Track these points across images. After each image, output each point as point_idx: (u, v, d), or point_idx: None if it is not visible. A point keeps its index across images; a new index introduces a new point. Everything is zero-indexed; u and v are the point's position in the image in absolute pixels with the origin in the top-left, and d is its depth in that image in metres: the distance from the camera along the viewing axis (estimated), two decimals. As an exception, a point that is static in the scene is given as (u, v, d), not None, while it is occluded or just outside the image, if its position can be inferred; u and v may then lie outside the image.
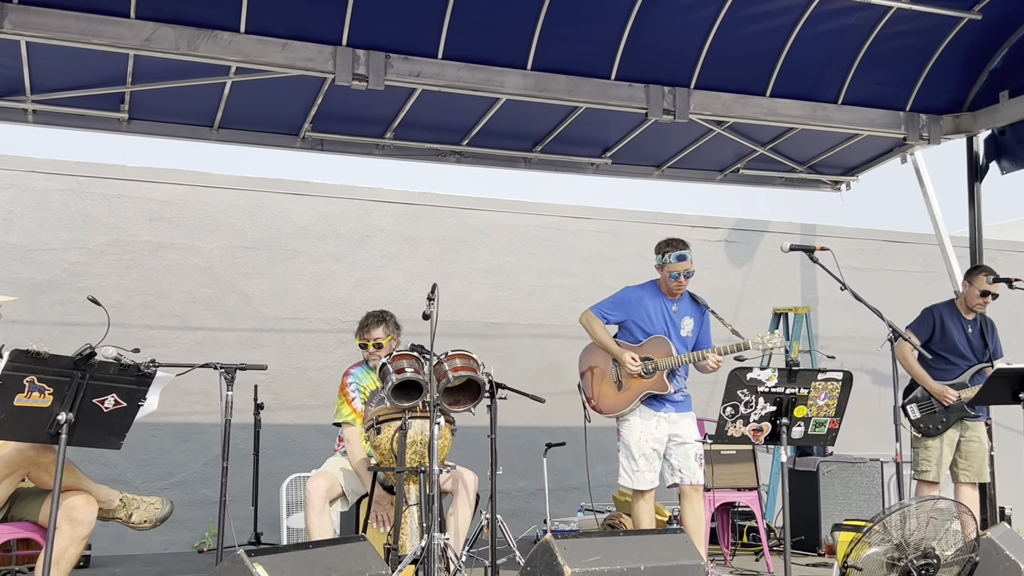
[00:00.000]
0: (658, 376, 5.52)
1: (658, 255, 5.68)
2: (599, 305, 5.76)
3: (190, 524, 7.86)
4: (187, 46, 5.90)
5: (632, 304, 5.68)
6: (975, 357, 6.21)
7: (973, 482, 6.19)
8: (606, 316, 5.72)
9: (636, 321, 5.65)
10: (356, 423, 5.33)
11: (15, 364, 3.50)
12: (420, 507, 4.81)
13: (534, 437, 8.51)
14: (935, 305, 6.33)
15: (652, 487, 5.53)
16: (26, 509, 4.03)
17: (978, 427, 6.20)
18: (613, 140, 7.81)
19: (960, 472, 6.18)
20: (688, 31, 6.73)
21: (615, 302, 5.76)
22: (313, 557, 3.82)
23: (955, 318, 6.24)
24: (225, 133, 7.19)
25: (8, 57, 6.06)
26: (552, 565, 4.08)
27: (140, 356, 3.90)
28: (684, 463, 5.53)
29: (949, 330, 6.21)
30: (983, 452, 6.19)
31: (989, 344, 6.24)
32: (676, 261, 5.58)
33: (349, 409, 5.36)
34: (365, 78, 6.23)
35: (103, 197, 8.17)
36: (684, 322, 5.67)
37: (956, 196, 8.13)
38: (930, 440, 6.12)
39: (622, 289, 5.83)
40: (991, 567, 4.38)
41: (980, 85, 7.56)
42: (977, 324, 6.29)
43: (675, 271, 5.58)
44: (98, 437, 3.77)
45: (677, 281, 5.60)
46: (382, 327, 5.55)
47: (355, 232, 8.91)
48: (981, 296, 6.18)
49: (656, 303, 5.66)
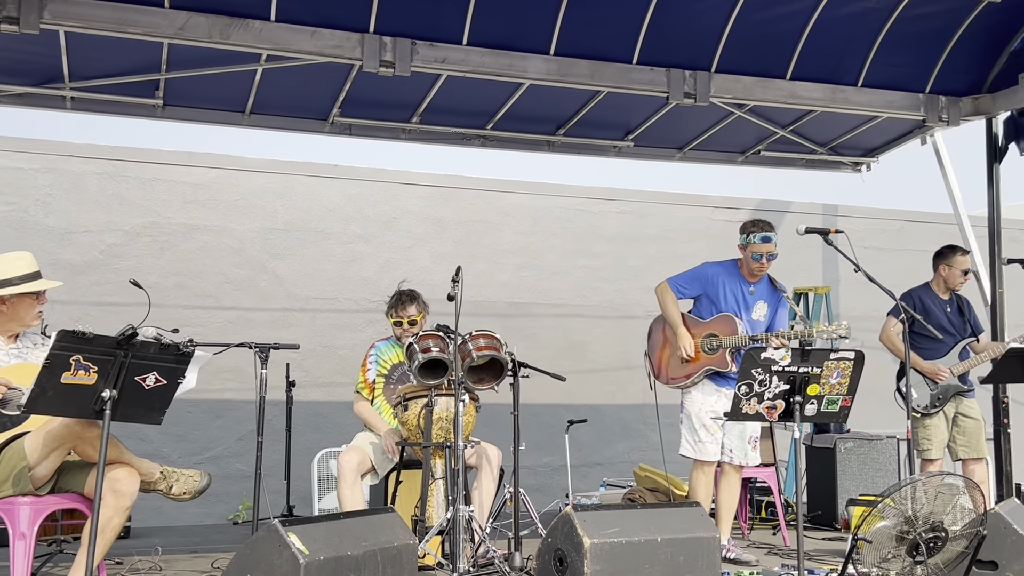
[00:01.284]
0: (720, 353, 5.57)
1: (743, 235, 5.70)
2: (675, 278, 5.79)
3: (224, 497, 8.08)
4: (219, 34, 6.00)
5: (708, 280, 5.71)
6: (958, 333, 6.37)
7: (974, 457, 6.31)
8: (680, 290, 5.75)
9: (710, 297, 5.69)
10: (363, 393, 5.57)
11: (62, 344, 3.63)
12: (446, 481, 4.97)
13: (557, 414, 8.65)
14: (912, 289, 6.51)
15: (714, 459, 5.62)
16: (72, 481, 4.19)
17: (972, 403, 6.35)
18: (635, 123, 7.87)
19: (959, 449, 6.31)
20: (709, 15, 6.76)
21: (691, 276, 5.78)
22: (344, 527, 3.98)
23: (933, 299, 6.43)
24: (256, 118, 7.31)
25: (47, 46, 6.19)
26: (572, 536, 4.21)
27: (179, 336, 4.04)
28: (737, 443, 5.65)
29: (931, 310, 6.37)
30: (979, 427, 6.33)
31: (969, 320, 6.40)
32: (760, 242, 5.60)
33: (361, 379, 5.61)
34: (392, 64, 6.32)
35: (139, 180, 8.36)
36: (758, 306, 5.71)
37: (977, 176, 8.15)
38: (928, 419, 6.26)
39: (701, 264, 5.85)
40: (999, 541, 4.45)
41: (1000, 67, 7.54)
42: (954, 303, 6.47)
43: (758, 252, 5.60)
44: (140, 413, 3.90)
45: (759, 263, 5.61)
46: (415, 305, 5.72)
47: (383, 214, 9.06)
48: (964, 275, 6.40)
49: (733, 282, 5.69)
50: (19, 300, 4.28)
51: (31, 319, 4.35)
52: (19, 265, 4.30)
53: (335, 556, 3.77)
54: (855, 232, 10.31)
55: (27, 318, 4.34)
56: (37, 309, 4.36)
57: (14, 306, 4.27)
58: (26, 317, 4.33)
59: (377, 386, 5.68)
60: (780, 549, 6.32)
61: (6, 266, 4.29)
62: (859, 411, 6.10)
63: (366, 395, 5.65)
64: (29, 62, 6.47)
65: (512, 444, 5.21)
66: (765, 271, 5.71)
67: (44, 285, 4.35)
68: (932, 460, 6.24)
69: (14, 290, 4.23)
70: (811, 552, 6.08)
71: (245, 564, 3.73)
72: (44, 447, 3.99)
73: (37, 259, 4.43)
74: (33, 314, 4.35)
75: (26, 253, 4.39)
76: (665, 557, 4.33)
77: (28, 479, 4.00)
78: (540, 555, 4.42)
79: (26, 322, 4.35)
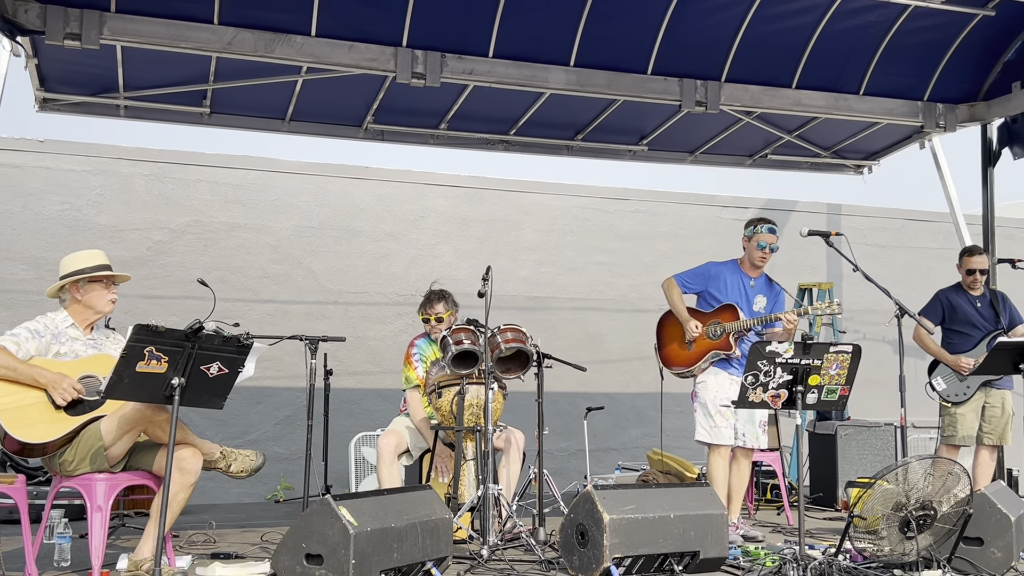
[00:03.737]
0: (724, 337, 5.78)
1: (748, 228, 5.93)
2: (681, 275, 6.02)
3: (263, 478, 8.36)
4: (264, 48, 6.30)
5: (711, 277, 5.94)
6: (988, 326, 6.52)
7: (994, 444, 6.52)
8: (685, 285, 5.98)
9: (713, 292, 5.92)
10: (419, 388, 5.79)
11: (137, 337, 3.92)
12: (476, 462, 5.27)
13: (575, 402, 8.91)
14: (941, 290, 6.70)
15: (728, 443, 5.80)
16: (142, 460, 4.48)
17: (1002, 393, 6.51)
18: (649, 129, 8.13)
19: (984, 435, 6.49)
20: (719, 28, 7.00)
21: (695, 274, 6.01)
22: (388, 502, 4.27)
23: (961, 296, 6.59)
24: (295, 125, 7.61)
25: (105, 59, 6.51)
26: (593, 512, 4.48)
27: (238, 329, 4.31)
28: (748, 428, 5.85)
29: (958, 306, 6.55)
30: (1005, 417, 6.49)
31: (1001, 315, 6.55)
32: (767, 232, 5.84)
33: (413, 375, 5.82)
34: (423, 76, 6.60)
35: (183, 182, 8.65)
36: (757, 299, 5.94)
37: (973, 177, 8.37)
38: (956, 408, 6.45)
39: (705, 263, 6.07)
40: (984, 519, 4.70)
41: (994, 76, 7.75)
42: (986, 298, 6.61)
43: (764, 241, 5.83)
44: (204, 398, 4.18)
45: (763, 251, 5.84)
46: (443, 303, 5.97)
47: (410, 213, 9.32)
48: (968, 275, 6.57)
49: (734, 278, 5.93)
50: (92, 288, 4.58)
51: (104, 305, 4.63)
52: (92, 257, 4.65)
53: (380, 527, 4.06)
54: (858, 230, 10.56)
55: (101, 304, 4.62)
56: (109, 296, 4.65)
57: (88, 294, 4.57)
58: (99, 303, 4.62)
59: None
60: (784, 527, 6.58)
61: (79, 260, 4.63)
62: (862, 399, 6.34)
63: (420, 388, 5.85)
64: (87, 73, 6.79)
65: (536, 429, 5.49)
66: (767, 262, 5.94)
67: (115, 272, 4.67)
68: (955, 446, 6.43)
69: (89, 275, 4.55)
70: (812, 530, 6.36)
71: (301, 534, 4.03)
72: (119, 429, 4.30)
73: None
74: (106, 300, 4.64)
75: (98, 251, 4.72)
76: (677, 532, 4.59)
77: (104, 457, 4.30)
78: (563, 529, 4.69)
79: (100, 308, 4.63)
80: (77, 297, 4.59)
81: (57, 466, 4.35)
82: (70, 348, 4.53)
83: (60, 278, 4.60)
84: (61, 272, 4.61)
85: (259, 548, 5.47)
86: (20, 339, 4.36)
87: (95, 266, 4.63)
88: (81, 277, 4.56)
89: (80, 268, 4.59)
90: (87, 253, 4.70)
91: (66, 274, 4.58)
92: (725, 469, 5.84)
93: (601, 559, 4.40)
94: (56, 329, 4.52)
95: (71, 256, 4.67)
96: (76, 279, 4.56)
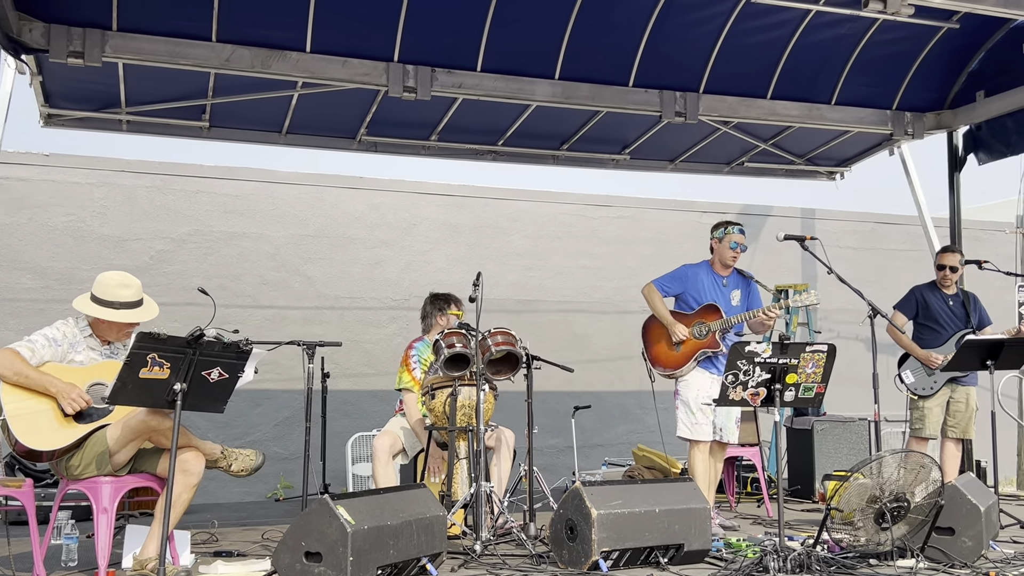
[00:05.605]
0: (711, 336, 5.78)
1: (718, 230, 5.95)
2: (659, 279, 6.01)
3: (263, 477, 8.34)
4: (261, 64, 6.27)
5: (688, 279, 5.94)
6: (959, 324, 6.53)
7: (958, 438, 6.54)
8: (665, 289, 5.98)
9: (691, 293, 5.91)
10: (415, 390, 5.77)
11: (140, 344, 3.89)
12: (469, 460, 5.25)
13: (563, 400, 8.90)
14: (917, 285, 6.72)
15: (709, 439, 5.79)
16: (146, 463, 4.44)
17: (967, 390, 6.52)
18: (631, 138, 8.13)
19: (948, 429, 6.51)
20: (698, 42, 7.02)
21: (673, 277, 6.00)
22: (384, 501, 4.25)
23: (935, 293, 6.61)
24: (292, 138, 7.58)
25: (107, 76, 6.45)
26: (581, 508, 4.48)
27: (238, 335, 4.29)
28: (726, 423, 5.85)
29: (931, 303, 6.57)
30: (969, 412, 6.52)
31: (971, 315, 6.56)
32: (739, 233, 5.88)
33: (409, 377, 5.80)
34: (414, 90, 6.59)
35: (184, 193, 8.61)
36: (733, 295, 5.95)
37: (940, 182, 8.42)
38: (923, 401, 6.46)
39: (680, 266, 6.07)
40: (955, 510, 4.71)
41: (959, 85, 7.80)
42: (959, 298, 6.62)
43: (735, 241, 5.86)
44: (206, 403, 4.14)
45: (735, 251, 5.87)
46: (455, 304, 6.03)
47: (403, 221, 9.30)
48: (939, 270, 6.60)
49: (709, 278, 5.94)
50: (113, 322, 4.48)
51: (120, 337, 4.56)
52: (125, 293, 4.48)
53: (377, 525, 4.04)
54: (831, 233, 10.59)
55: (116, 336, 4.55)
56: (127, 331, 4.54)
57: (109, 325, 4.48)
58: (115, 335, 4.54)
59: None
60: (763, 519, 6.58)
61: (113, 290, 4.46)
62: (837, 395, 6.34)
63: (416, 389, 5.82)
64: (90, 90, 6.74)
65: (526, 428, 5.48)
66: (737, 261, 5.95)
67: (137, 317, 4.51)
68: (923, 440, 6.44)
69: (110, 316, 4.43)
70: (791, 522, 6.34)
71: (300, 532, 4.01)
72: (123, 436, 4.26)
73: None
74: (122, 335, 4.55)
75: (135, 281, 4.54)
76: (663, 525, 4.59)
77: (109, 462, 4.27)
78: (553, 524, 4.68)
79: (115, 339, 4.56)
80: (99, 320, 4.48)
81: (64, 470, 4.32)
82: (87, 356, 4.46)
83: (91, 296, 4.46)
84: (94, 288, 4.47)
85: (260, 546, 5.44)
86: (36, 346, 4.31)
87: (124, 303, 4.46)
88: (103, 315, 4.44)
89: (109, 301, 4.43)
90: (123, 283, 4.49)
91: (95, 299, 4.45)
92: (706, 464, 5.84)
93: (590, 553, 4.40)
94: (74, 338, 4.44)
95: (108, 277, 4.50)
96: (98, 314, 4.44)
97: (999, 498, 5.54)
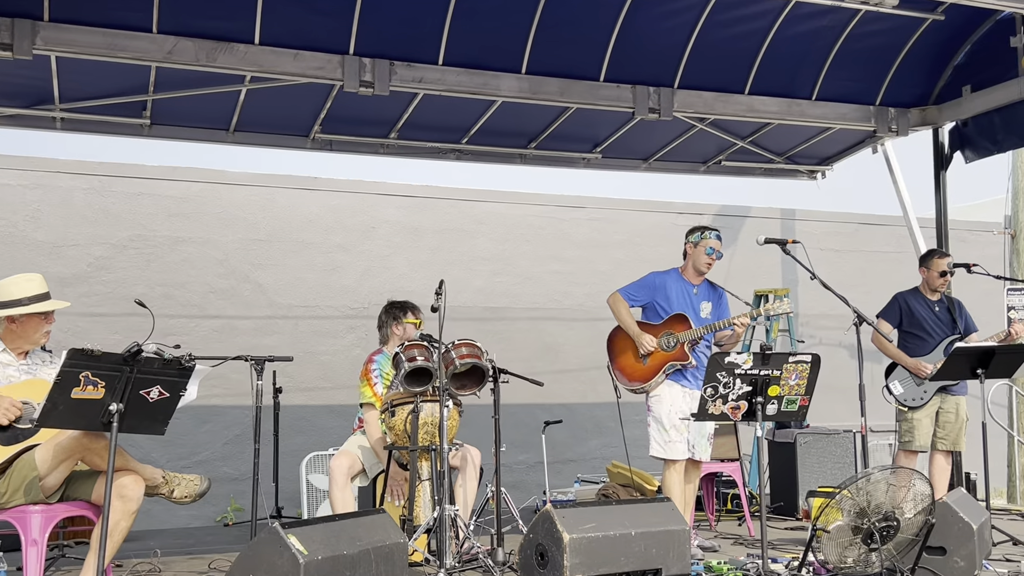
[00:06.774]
0: (679, 348, 5.72)
1: (694, 235, 5.90)
2: (625, 288, 5.95)
3: (212, 500, 8.16)
4: (205, 58, 6.14)
5: (656, 287, 5.89)
6: (945, 331, 6.53)
7: (948, 450, 6.54)
8: (632, 298, 5.92)
9: (659, 302, 5.86)
10: (376, 405, 5.66)
11: (72, 362, 3.77)
12: (432, 482, 5.16)
13: (533, 413, 8.83)
14: (900, 292, 6.70)
15: (684, 457, 5.73)
16: (80, 489, 4.31)
17: (956, 400, 6.51)
18: (603, 136, 8.09)
19: (938, 441, 6.50)
20: (671, 34, 6.98)
21: (640, 285, 5.95)
22: (339, 528, 4.15)
23: (920, 300, 6.60)
24: (240, 136, 7.45)
25: (38, 70, 6.29)
26: (552, 532, 4.40)
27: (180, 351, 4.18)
28: (699, 440, 5.79)
29: (916, 310, 6.56)
30: (959, 423, 6.50)
31: (958, 321, 6.57)
32: (715, 239, 5.85)
33: (371, 392, 5.69)
34: (371, 84, 6.49)
35: (124, 195, 8.44)
36: (703, 305, 5.90)
37: (925, 180, 8.46)
38: (913, 413, 6.44)
39: (648, 274, 6.01)
40: (946, 528, 4.70)
41: (945, 80, 7.84)
42: (944, 303, 6.63)
43: (712, 247, 5.82)
44: (145, 424, 4.03)
45: (710, 257, 5.83)
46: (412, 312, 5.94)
47: (361, 224, 9.20)
48: (941, 276, 6.55)
49: (678, 286, 5.88)
50: (28, 320, 4.42)
51: (39, 338, 4.49)
52: (29, 286, 4.43)
53: (332, 555, 3.93)
54: (812, 235, 10.62)
55: (35, 336, 4.48)
56: (45, 328, 4.50)
57: (23, 325, 4.42)
58: (34, 335, 4.47)
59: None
60: (745, 539, 6.56)
61: (17, 287, 4.42)
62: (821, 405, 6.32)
63: (378, 405, 5.68)
64: (20, 85, 6.57)
65: (493, 446, 5.40)
66: (711, 268, 5.91)
67: (53, 306, 4.48)
68: (912, 453, 6.43)
69: (24, 310, 4.37)
70: (774, 541, 6.33)
71: (248, 565, 3.89)
72: (54, 458, 4.12)
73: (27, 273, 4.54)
74: (41, 333, 4.49)
75: (36, 275, 4.51)
76: (639, 549, 4.53)
77: (39, 488, 4.13)
78: (522, 550, 4.60)
79: (34, 340, 4.49)
80: (11, 327, 4.42)
81: (-12, 498, 4.17)
82: (2, 374, 4.36)
83: None
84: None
85: (206, 577, 5.30)
86: None
87: (33, 296, 4.43)
88: (16, 312, 4.37)
89: (17, 298, 4.39)
90: (25, 279, 4.48)
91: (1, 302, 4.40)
92: (681, 483, 5.79)
93: (561, 580, 4.32)
94: None
95: (8, 281, 4.47)
96: (9, 312, 4.37)
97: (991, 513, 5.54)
